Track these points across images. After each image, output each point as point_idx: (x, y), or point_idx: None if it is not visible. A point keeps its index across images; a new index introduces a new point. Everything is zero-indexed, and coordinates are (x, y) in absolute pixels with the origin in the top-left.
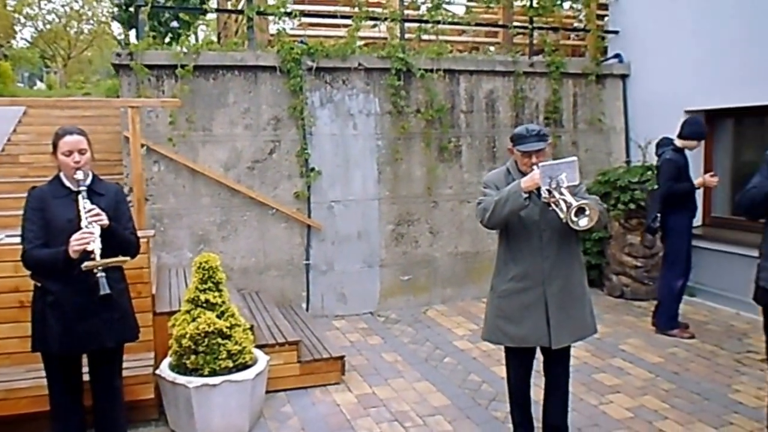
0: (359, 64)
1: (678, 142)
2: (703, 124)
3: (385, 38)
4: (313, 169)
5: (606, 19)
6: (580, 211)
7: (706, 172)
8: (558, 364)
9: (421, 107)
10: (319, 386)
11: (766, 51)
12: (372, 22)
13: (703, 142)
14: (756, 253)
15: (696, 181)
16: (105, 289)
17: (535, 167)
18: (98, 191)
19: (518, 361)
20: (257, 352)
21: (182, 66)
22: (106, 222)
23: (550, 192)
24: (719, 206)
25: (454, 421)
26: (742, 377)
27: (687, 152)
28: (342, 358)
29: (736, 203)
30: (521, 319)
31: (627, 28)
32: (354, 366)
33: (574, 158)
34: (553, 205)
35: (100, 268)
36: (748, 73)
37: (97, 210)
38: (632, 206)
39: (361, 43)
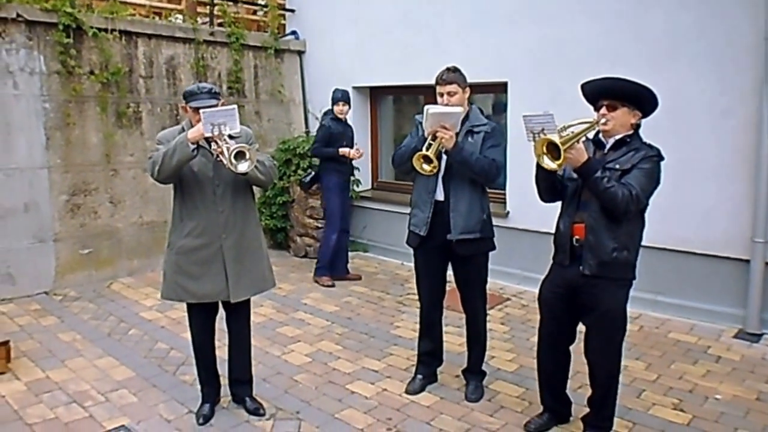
0: (18, 15)
1: (335, 109)
2: (344, 91)
3: None
4: None
5: None
6: (240, 155)
7: (372, 142)
8: (239, 318)
9: (95, 69)
10: None
11: (417, 35)
12: None
13: (347, 107)
14: None
15: (340, 150)
16: None
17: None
18: None
19: (200, 318)
20: None
21: None
22: None
23: (215, 141)
24: (385, 172)
25: (140, 392)
26: (402, 315)
27: (351, 122)
28: (6, 343)
29: (391, 160)
30: (200, 274)
31: (302, 7)
32: (24, 351)
33: (233, 106)
34: (220, 155)
35: None
36: (402, 55)
37: None
38: (311, 172)
39: None
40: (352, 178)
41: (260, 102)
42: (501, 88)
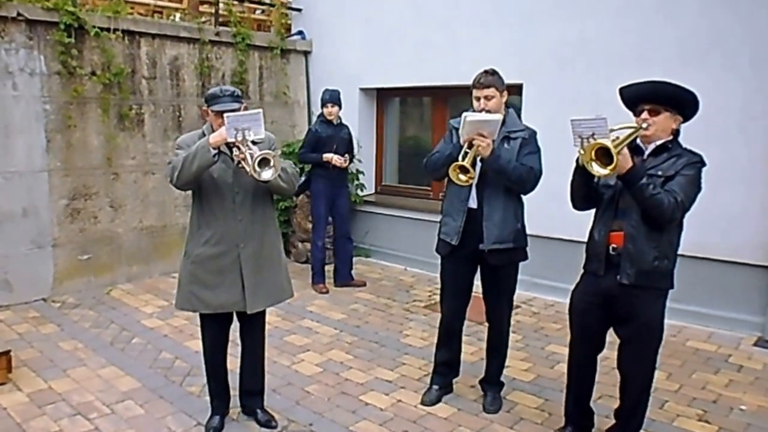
0: (18, 14)
1: (324, 111)
2: (333, 92)
3: None
4: None
5: None
6: (264, 162)
7: (377, 145)
8: (253, 329)
9: (97, 69)
10: None
11: (426, 36)
12: None
13: (337, 108)
14: (419, 216)
15: (324, 156)
16: None
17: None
18: None
19: (214, 329)
20: None
21: None
22: None
23: (238, 147)
24: (389, 176)
25: (146, 404)
26: (411, 323)
27: (356, 124)
28: (7, 353)
29: (424, 165)
30: (216, 284)
31: (308, 6)
32: (24, 361)
33: (259, 111)
34: (242, 161)
35: None
36: (412, 56)
37: None
38: (301, 177)
39: None
40: (356, 182)
41: (264, 104)
42: (515, 90)
